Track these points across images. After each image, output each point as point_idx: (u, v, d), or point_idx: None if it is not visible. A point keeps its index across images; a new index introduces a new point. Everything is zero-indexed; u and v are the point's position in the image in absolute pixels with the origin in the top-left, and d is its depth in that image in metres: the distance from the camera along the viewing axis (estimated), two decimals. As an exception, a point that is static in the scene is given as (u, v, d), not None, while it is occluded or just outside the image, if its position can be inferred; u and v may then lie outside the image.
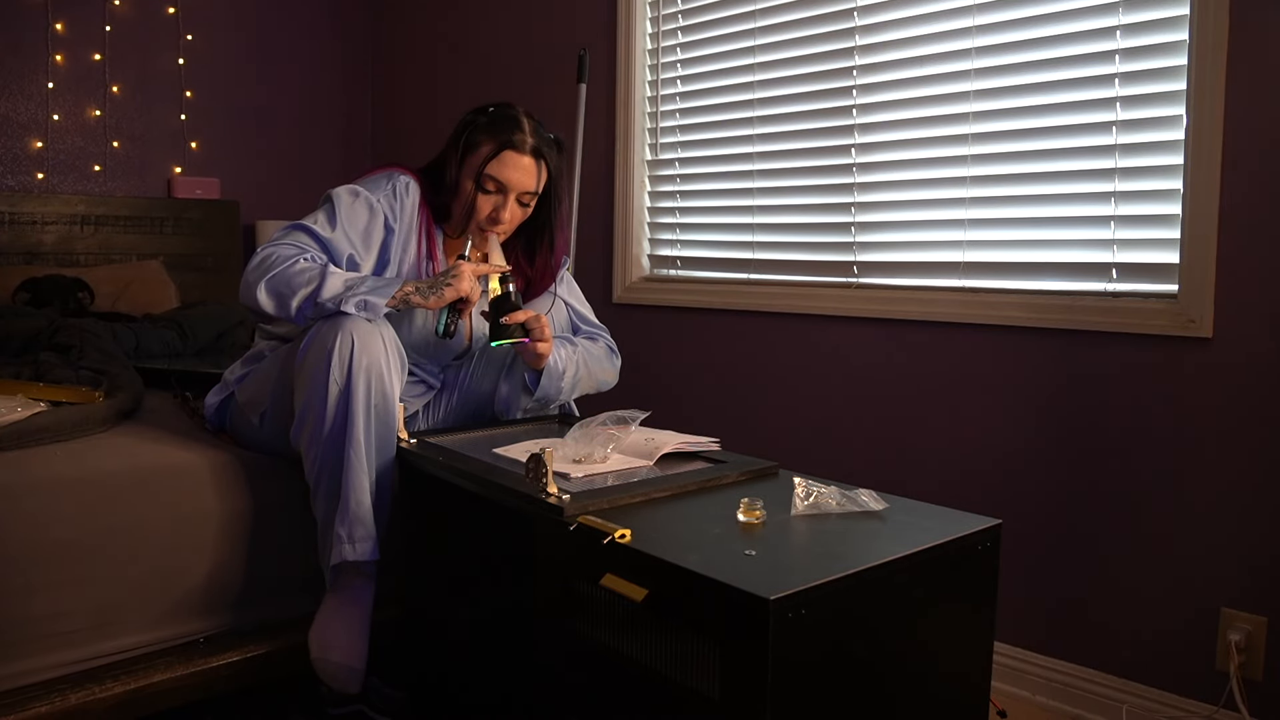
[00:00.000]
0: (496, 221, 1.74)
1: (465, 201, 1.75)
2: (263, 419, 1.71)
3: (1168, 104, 1.79)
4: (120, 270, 3.18)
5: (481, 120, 1.76)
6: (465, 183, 1.75)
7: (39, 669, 1.44)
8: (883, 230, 2.23)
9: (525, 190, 1.75)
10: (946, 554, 1.16)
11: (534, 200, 1.79)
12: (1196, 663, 1.76)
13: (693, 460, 1.52)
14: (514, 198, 1.74)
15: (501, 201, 1.74)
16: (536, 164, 1.75)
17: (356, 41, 3.94)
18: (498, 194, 1.74)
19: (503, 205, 1.74)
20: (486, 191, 1.73)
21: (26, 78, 3.20)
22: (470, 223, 1.76)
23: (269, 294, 1.58)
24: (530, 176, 1.74)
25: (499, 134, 1.72)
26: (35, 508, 1.45)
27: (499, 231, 1.76)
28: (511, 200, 1.74)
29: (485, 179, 1.72)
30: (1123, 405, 1.83)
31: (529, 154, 1.73)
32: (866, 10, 2.23)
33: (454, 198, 1.77)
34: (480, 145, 1.73)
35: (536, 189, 1.77)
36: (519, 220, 1.80)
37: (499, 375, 1.83)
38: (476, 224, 1.76)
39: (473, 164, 1.74)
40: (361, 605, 1.57)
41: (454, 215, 1.79)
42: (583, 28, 2.93)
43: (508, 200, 1.74)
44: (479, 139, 1.74)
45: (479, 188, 1.73)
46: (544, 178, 1.78)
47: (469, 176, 1.74)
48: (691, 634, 1.03)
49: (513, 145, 1.72)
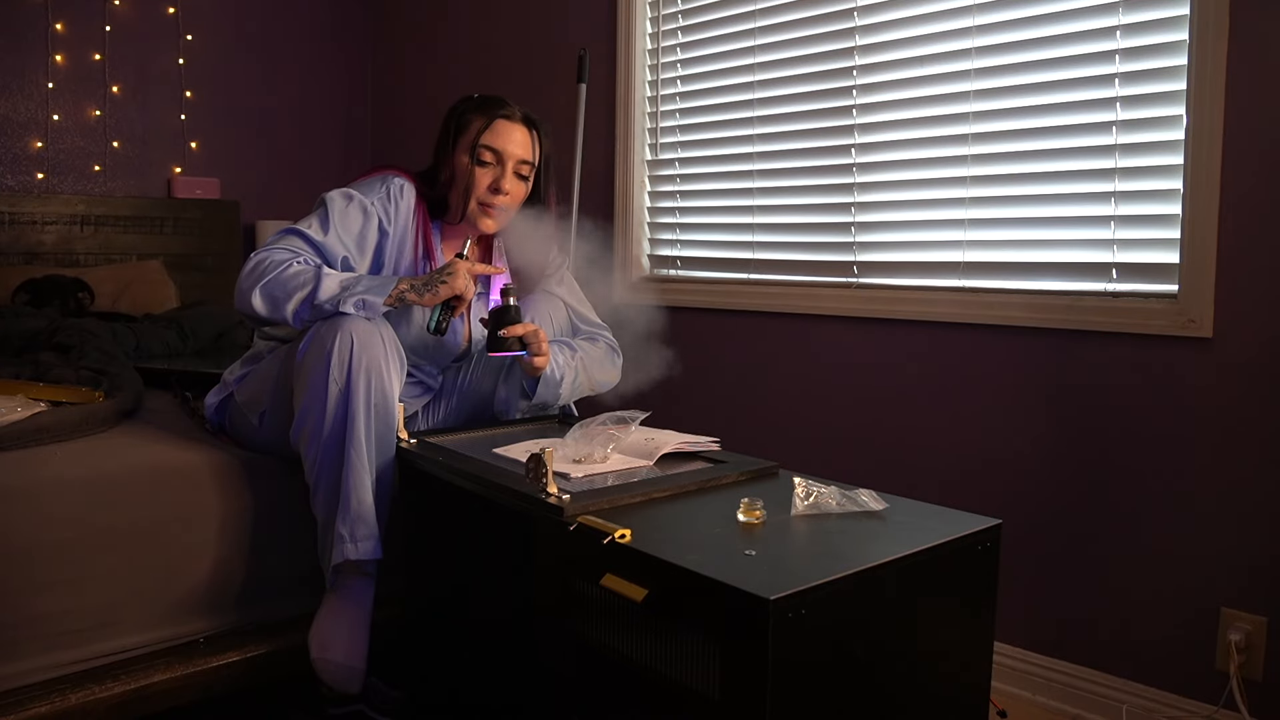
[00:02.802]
0: (498, 192, 1.75)
1: (463, 178, 1.75)
2: (262, 419, 1.72)
3: (1168, 104, 1.79)
4: (120, 270, 3.18)
5: (470, 103, 1.79)
6: (460, 158, 1.76)
7: (39, 669, 1.44)
8: (883, 230, 2.23)
9: (522, 159, 1.76)
10: (946, 554, 1.16)
11: (532, 173, 1.80)
12: (1196, 663, 1.76)
13: (693, 460, 1.52)
14: (511, 168, 1.75)
15: (500, 172, 1.75)
16: (529, 134, 1.78)
17: (356, 41, 3.94)
18: (495, 165, 1.75)
19: (502, 176, 1.75)
20: (484, 163, 1.75)
21: (26, 78, 3.20)
22: (471, 201, 1.76)
23: (264, 299, 1.58)
24: (525, 144, 1.77)
25: (489, 109, 1.76)
26: (35, 508, 1.45)
27: (501, 203, 1.76)
28: (510, 171, 1.75)
29: (481, 150, 1.74)
30: (1122, 405, 1.83)
31: (521, 122, 1.77)
32: (866, 10, 2.23)
33: (451, 181, 1.78)
34: (472, 122, 1.76)
35: (533, 160, 1.78)
36: (520, 196, 1.80)
37: (498, 377, 1.83)
38: (478, 201, 1.75)
39: (467, 140, 1.76)
40: (362, 605, 1.57)
41: (453, 200, 1.79)
42: (583, 28, 2.93)
43: (506, 170, 1.75)
44: (469, 117, 1.77)
45: (475, 160, 1.74)
46: (538, 150, 1.79)
47: (464, 151, 1.76)
48: (691, 634, 1.03)
49: (504, 115, 1.76)
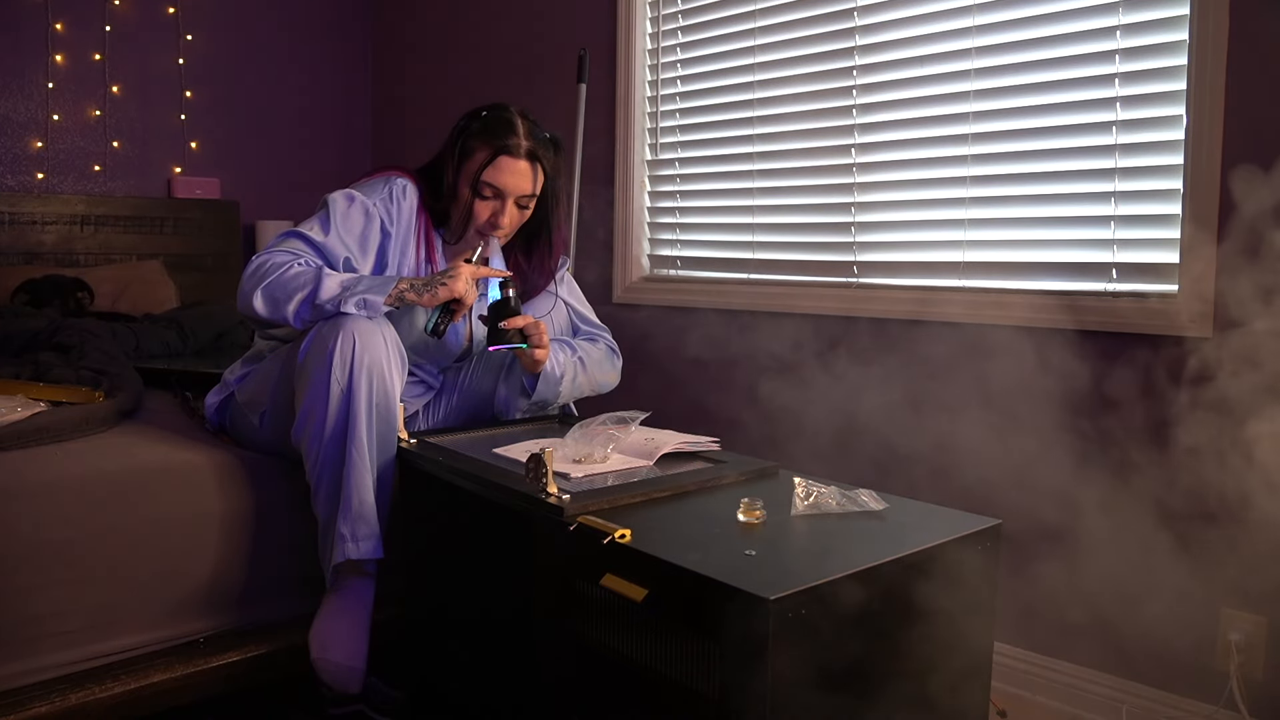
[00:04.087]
0: (496, 226, 1.74)
1: (463, 208, 1.75)
2: (263, 419, 1.72)
3: (1168, 104, 1.79)
4: (120, 270, 3.18)
5: (475, 126, 1.75)
6: (462, 190, 1.75)
7: (39, 669, 1.44)
8: (883, 230, 2.23)
9: (522, 194, 1.75)
10: (946, 554, 1.16)
11: (532, 202, 1.79)
12: (1196, 663, 1.76)
13: (693, 460, 1.52)
14: (512, 201, 1.74)
15: (500, 206, 1.74)
16: (532, 167, 1.75)
17: (356, 41, 3.94)
18: (495, 199, 1.74)
19: (501, 210, 1.74)
20: (484, 197, 1.74)
21: (26, 78, 3.20)
22: (469, 229, 1.76)
23: (265, 300, 1.58)
24: (526, 180, 1.74)
25: (493, 139, 1.72)
26: (35, 508, 1.45)
27: (499, 235, 1.76)
28: (510, 204, 1.74)
29: (482, 185, 1.72)
30: (1122, 405, 1.83)
31: (524, 158, 1.73)
32: (866, 10, 2.23)
33: (452, 204, 1.78)
34: (475, 151, 1.73)
35: (534, 191, 1.77)
36: (518, 223, 1.80)
37: (498, 377, 1.84)
38: (475, 230, 1.76)
39: (469, 171, 1.74)
40: (362, 605, 1.57)
41: (452, 221, 1.80)
42: (583, 28, 2.93)
43: (505, 205, 1.74)
44: (474, 145, 1.74)
45: (476, 194, 1.73)
46: (540, 180, 1.78)
47: (465, 183, 1.74)
48: (691, 634, 1.03)
49: (508, 151, 1.71)
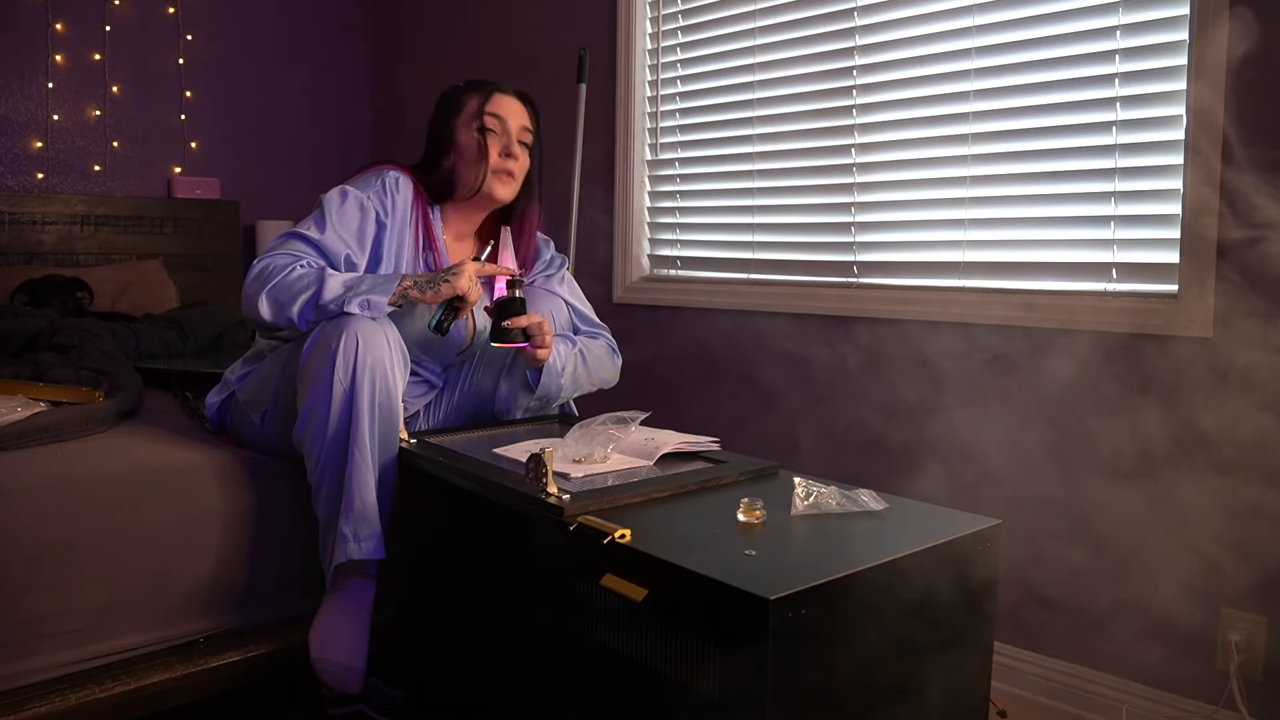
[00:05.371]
0: (510, 157, 1.80)
1: (472, 150, 1.79)
2: (264, 418, 1.72)
3: (1168, 104, 1.79)
4: (120, 270, 3.18)
5: (459, 88, 1.86)
6: (466, 136, 1.80)
7: (39, 669, 1.44)
8: (883, 230, 2.23)
9: (524, 125, 1.82)
10: (946, 554, 1.16)
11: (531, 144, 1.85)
12: (1196, 663, 1.76)
13: (693, 460, 1.52)
14: (516, 136, 1.81)
15: (507, 141, 1.80)
16: (524, 106, 1.84)
17: (356, 41, 3.94)
18: (502, 134, 1.80)
19: (510, 142, 1.80)
20: (490, 131, 1.79)
21: (26, 78, 3.20)
22: (485, 171, 1.79)
23: (269, 304, 1.59)
24: (523, 115, 1.83)
25: (481, 87, 1.83)
26: (35, 508, 1.45)
27: (514, 170, 1.80)
28: (515, 138, 1.81)
29: (486, 118, 1.79)
30: (1122, 405, 1.83)
31: (515, 95, 1.83)
32: (866, 10, 2.23)
33: (457, 161, 1.81)
34: (467, 101, 1.82)
35: (531, 127, 1.84)
36: (526, 166, 1.85)
37: (499, 376, 1.84)
38: (492, 170, 1.79)
39: (467, 116, 1.81)
40: (362, 605, 1.57)
41: (463, 177, 1.82)
42: (583, 28, 2.93)
43: (512, 137, 1.80)
44: (464, 98, 1.83)
45: (482, 130, 1.78)
46: (535, 122, 1.85)
47: (466, 128, 1.80)
48: (691, 634, 1.03)
49: (499, 89, 1.82)
